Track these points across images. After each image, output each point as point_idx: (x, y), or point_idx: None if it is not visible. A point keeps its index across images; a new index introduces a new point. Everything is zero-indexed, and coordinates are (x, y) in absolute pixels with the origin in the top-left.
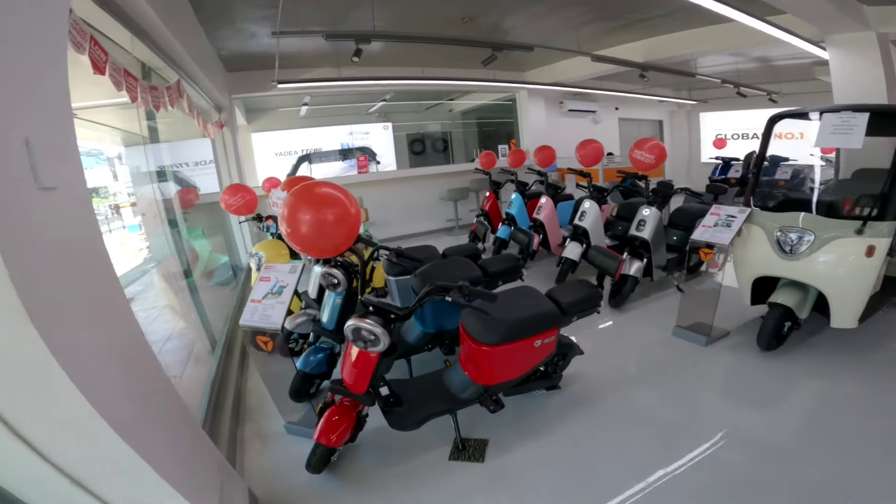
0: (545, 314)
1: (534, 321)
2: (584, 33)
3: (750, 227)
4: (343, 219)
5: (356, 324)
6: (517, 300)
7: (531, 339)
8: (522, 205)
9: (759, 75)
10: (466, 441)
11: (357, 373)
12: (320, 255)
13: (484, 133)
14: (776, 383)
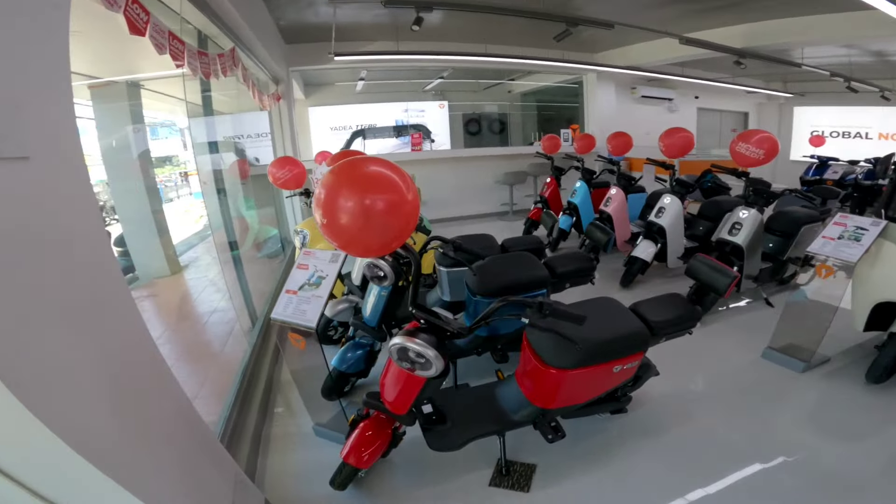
0: (633, 336)
1: (618, 344)
2: (669, 13)
3: (882, 243)
4: (397, 207)
5: (403, 343)
6: (597, 315)
7: (611, 363)
8: (587, 194)
9: (873, 70)
10: (511, 465)
11: (400, 393)
12: (365, 254)
13: (543, 116)
14: (876, 418)
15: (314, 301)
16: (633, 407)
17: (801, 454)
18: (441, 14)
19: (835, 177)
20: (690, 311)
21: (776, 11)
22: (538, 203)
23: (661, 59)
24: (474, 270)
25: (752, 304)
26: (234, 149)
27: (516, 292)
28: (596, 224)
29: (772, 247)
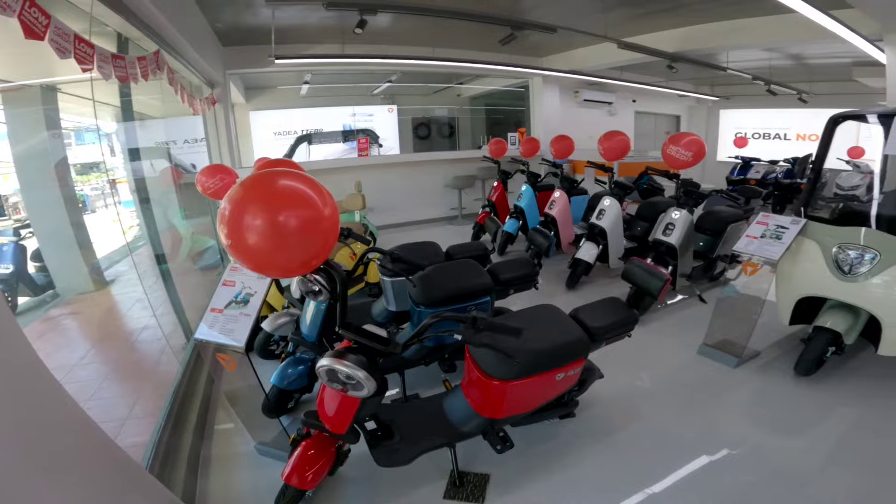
0: (573, 343)
1: (559, 352)
2: (612, 17)
3: (802, 240)
4: (314, 224)
5: (331, 365)
6: (538, 323)
7: (554, 371)
8: (533, 197)
9: (791, 73)
10: (465, 476)
11: (337, 412)
12: (284, 275)
13: (492, 120)
14: (809, 410)
15: (242, 320)
16: (581, 410)
17: (744, 448)
18: (389, 17)
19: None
20: (628, 316)
21: (706, 15)
22: (486, 207)
23: (601, 63)
24: (413, 282)
25: (687, 300)
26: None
27: (459, 301)
28: (537, 229)
29: (702, 245)
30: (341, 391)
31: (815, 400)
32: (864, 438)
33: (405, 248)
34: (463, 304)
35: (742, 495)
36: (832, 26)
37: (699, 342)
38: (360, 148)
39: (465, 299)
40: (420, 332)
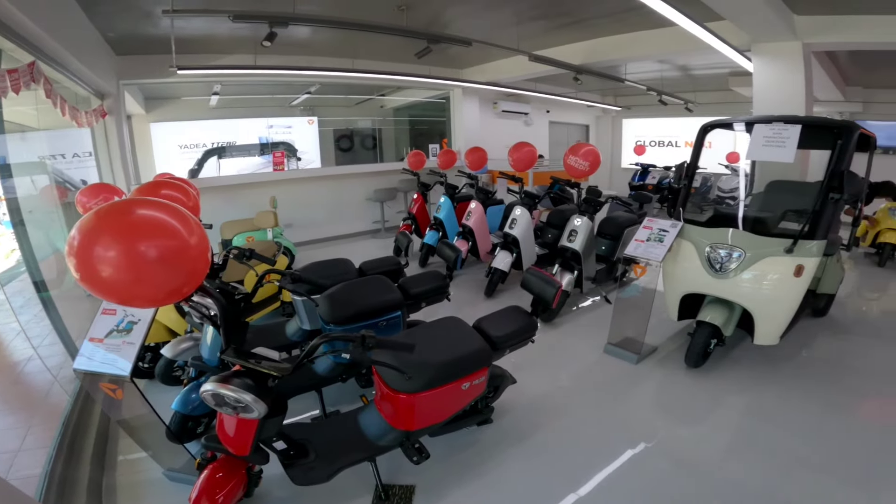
0: (474, 353)
1: (461, 363)
2: (524, 31)
3: (681, 242)
4: (178, 254)
5: (215, 390)
6: (441, 336)
7: (459, 382)
8: (451, 209)
9: (679, 84)
10: (390, 488)
11: (236, 435)
12: (147, 305)
13: (416, 131)
14: (705, 400)
15: (125, 348)
16: (498, 416)
17: (657, 439)
18: (306, 28)
19: (653, 181)
20: (528, 323)
21: (607, 29)
22: (407, 220)
23: (516, 74)
24: (316, 301)
25: (596, 302)
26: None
27: (368, 318)
28: (445, 242)
29: (604, 249)
30: (232, 415)
31: (707, 390)
32: (754, 424)
33: (316, 266)
34: (373, 320)
35: (664, 484)
36: (707, 38)
37: (605, 341)
38: (276, 162)
39: (374, 315)
40: (308, 353)
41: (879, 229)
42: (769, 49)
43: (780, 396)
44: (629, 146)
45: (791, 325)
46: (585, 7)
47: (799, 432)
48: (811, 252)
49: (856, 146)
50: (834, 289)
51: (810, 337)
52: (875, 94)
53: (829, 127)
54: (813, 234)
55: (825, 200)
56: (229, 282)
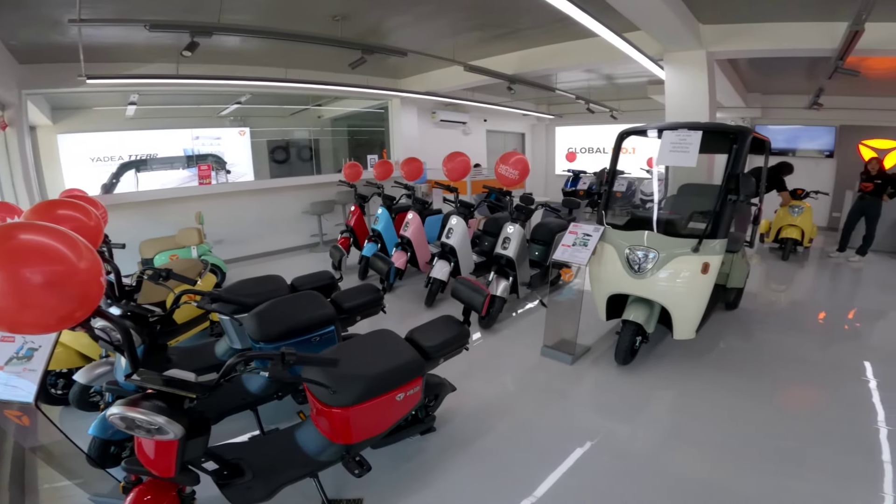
0: (406, 365)
1: (393, 374)
2: (460, 42)
3: (604, 245)
4: (66, 278)
5: (123, 413)
6: (372, 349)
7: (392, 393)
8: (389, 220)
9: (605, 93)
10: (337, 503)
11: (157, 457)
12: (36, 332)
13: (356, 142)
14: (637, 396)
15: (27, 375)
16: (442, 424)
17: (599, 436)
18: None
19: (584, 187)
20: (460, 332)
21: (538, 40)
22: (345, 232)
23: (454, 84)
24: (239, 321)
25: (534, 307)
26: None
27: (299, 334)
28: (378, 255)
29: (538, 254)
30: (149, 437)
31: (638, 386)
32: (683, 416)
33: (245, 284)
34: (306, 336)
35: (609, 480)
36: (625, 47)
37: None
38: (202, 175)
39: (306, 331)
40: (224, 373)
41: (781, 226)
42: (678, 58)
43: (703, 388)
44: (562, 153)
45: (705, 319)
46: (518, 18)
47: (722, 421)
48: (715, 250)
49: (750, 149)
50: (742, 283)
51: (725, 329)
52: (772, 100)
53: (726, 132)
54: (715, 233)
55: (724, 201)
56: (148, 303)
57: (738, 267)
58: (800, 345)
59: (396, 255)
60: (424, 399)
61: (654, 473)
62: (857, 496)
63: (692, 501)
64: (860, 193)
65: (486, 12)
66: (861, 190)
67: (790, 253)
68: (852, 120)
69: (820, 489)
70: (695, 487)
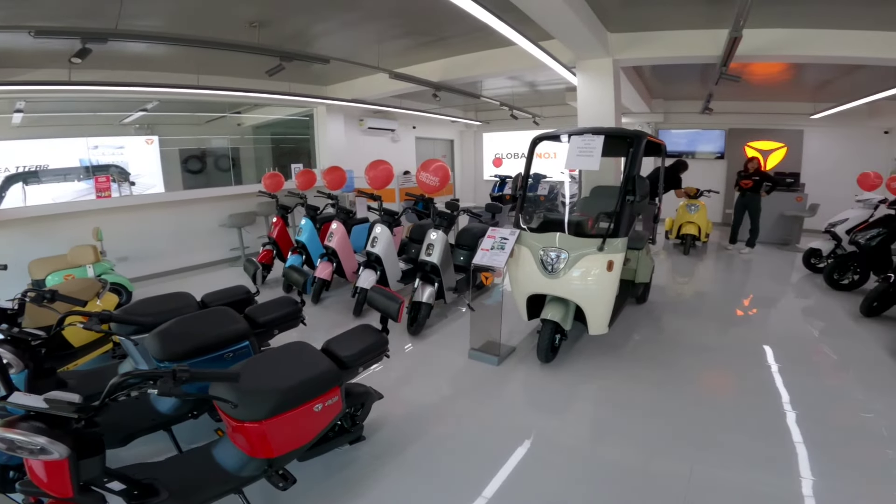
0: (320, 375)
1: (306, 386)
2: (387, 49)
3: (520, 248)
4: None
5: (1, 434)
6: (284, 362)
7: (308, 405)
8: (314, 231)
9: (528, 99)
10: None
11: (50, 477)
12: None
13: (281, 150)
14: (563, 391)
15: None
16: (373, 431)
17: (533, 432)
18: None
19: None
20: (378, 339)
21: (462, 48)
22: (267, 245)
23: (381, 91)
24: (135, 341)
25: (461, 311)
26: None
27: (209, 351)
28: (292, 266)
29: (462, 259)
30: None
31: (562, 382)
32: (608, 407)
33: (148, 302)
34: (217, 353)
35: (548, 475)
36: (541, 56)
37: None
38: (99, 188)
39: (217, 348)
40: (110, 391)
41: (681, 223)
42: (588, 65)
43: (622, 380)
44: (490, 159)
45: (616, 314)
46: (442, 27)
47: (643, 411)
48: (618, 248)
49: (647, 152)
50: (648, 278)
51: (638, 322)
52: (673, 105)
53: (624, 136)
54: (617, 232)
55: (623, 202)
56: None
57: (643, 263)
58: (706, 333)
59: (322, 266)
60: (348, 409)
61: (594, 464)
62: (778, 481)
63: (627, 490)
64: (740, 191)
65: (412, 20)
66: (741, 187)
67: (690, 247)
68: (739, 123)
69: (741, 476)
70: (629, 477)
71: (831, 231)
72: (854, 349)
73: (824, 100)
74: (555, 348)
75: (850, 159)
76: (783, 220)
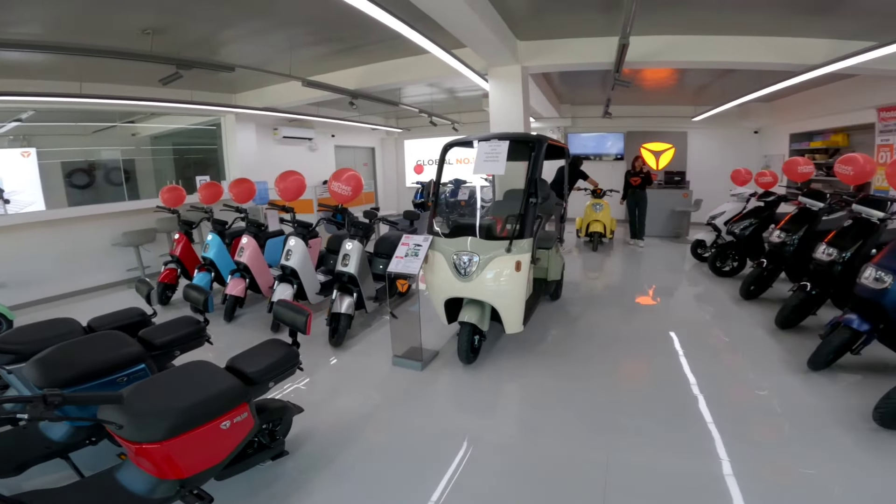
0: (222, 393)
1: (208, 404)
2: (301, 56)
3: (434, 253)
4: None
5: None
6: (183, 381)
7: (212, 423)
8: (222, 246)
9: (448, 105)
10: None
11: None
12: None
13: (184, 162)
14: (489, 391)
15: None
16: (298, 444)
17: (462, 433)
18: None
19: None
20: (287, 353)
21: (378, 55)
22: (170, 263)
23: (296, 99)
24: (8, 370)
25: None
26: None
27: (99, 376)
28: (191, 284)
29: (382, 268)
30: None
31: (487, 382)
32: (535, 402)
33: (26, 330)
34: (108, 378)
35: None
36: (454, 64)
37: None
38: None
39: (108, 373)
40: None
41: (588, 221)
42: (499, 72)
43: (544, 375)
44: (411, 165)
45: (530, 312)
46: (358, 34)
47: (566, 404)
48: (524, 248)
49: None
50: (559, 275)
51: (553, 319)
52: (580, 110)
53: (527, 141)
54: (522, 233)
55: (527, 204)
56: None
57: (554, 261)
58: (616, 324)
59: (233, 283)
60: (264, 425)
61: (515, 463)
62: (701, 465)
63: (557, 482)
64: (630, 188)
65: (326, 28)
66: (631, 184)
67: (598, 244)
68: (635, 127)
69: (655, 458)
70: (557, 469)
71: (712, 223)
72: (740, 331)
73: (703, 103)
74: (475, 349)
75: (727, 157)
76: (674, 215)
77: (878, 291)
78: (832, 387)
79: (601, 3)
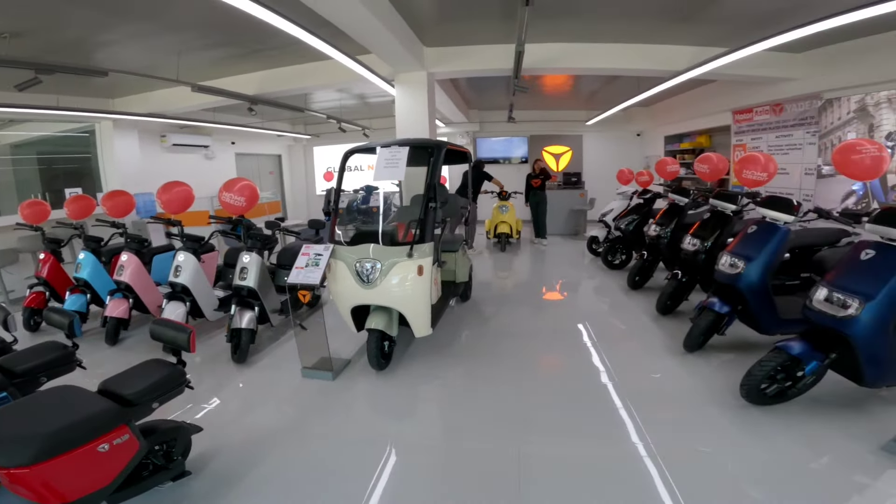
0: (94, 416)
1: (77, 427)
2: (191, 61)
3: (336, 262)
4: None
5: None
6: (48, 407)
7: (87, 446)
8: (98, 265)
9: (358, 111)
10: None
11: None
12: None
13: (53, 173)
14: (405, 395)
15: None
16: (203, 464)
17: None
18: None
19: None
20: (171, 371)
21: (284, 60)
22: (36, 286)
23: (185, 105)
24: None
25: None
26: None
27: None
28: (52, 308)
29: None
30: None
31: (401, 386)
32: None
33: None
34: None
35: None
36: (360, 70)
37: None
38: None
39: None
40: None
41: (496, 223)
42: (405, 78)
43: (457, 375)
44: (321, 173)
45: (439, 315)
46: (258, 38)
47: (485, 402)
48: (425, 252)
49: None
50: (467, 276)
51: (464, 320)
52: (487, 115)
53: (426, 146)
54: (423, 238)
55: (426, 209)
56: None
57: (461, 264)
58: (525, 320)
59: (114, 304)
60: (155, 446)
61: (439, 464)
62: (620, 450)
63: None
64: (531, 190)
65: (219, 33)
66: (531, 186)
67: (506, 244)
68: (537, 130)
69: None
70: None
71: (603, 220)
72: (630, 319)
73: (595, 108)
74: (386, 355)
75: (616, 158)
76: (572, 213)
77: (733, 276)
78: (707, 367)
79: (501, 11)
